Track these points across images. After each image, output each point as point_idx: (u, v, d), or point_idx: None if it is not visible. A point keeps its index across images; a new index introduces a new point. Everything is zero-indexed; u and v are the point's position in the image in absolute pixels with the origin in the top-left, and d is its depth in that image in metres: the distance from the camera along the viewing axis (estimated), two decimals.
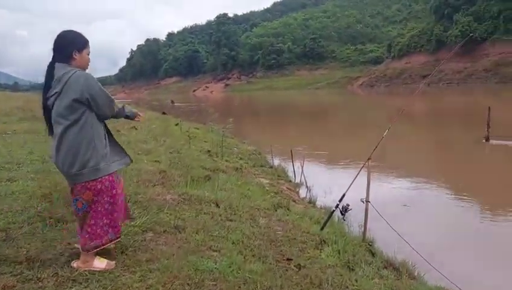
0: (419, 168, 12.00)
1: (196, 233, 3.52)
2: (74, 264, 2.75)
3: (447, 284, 4.45)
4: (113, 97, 2.73)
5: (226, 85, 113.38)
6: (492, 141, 13.89)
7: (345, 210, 4.05)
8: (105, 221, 2.72)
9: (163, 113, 27.83)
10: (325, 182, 9.42)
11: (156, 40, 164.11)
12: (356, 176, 4.07)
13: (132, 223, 3.53)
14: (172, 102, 52.76)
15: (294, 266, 3.13)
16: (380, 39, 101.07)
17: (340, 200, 4.11)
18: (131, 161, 2.94)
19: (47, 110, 2.64)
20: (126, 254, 3.01)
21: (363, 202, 4.07)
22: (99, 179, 2.63)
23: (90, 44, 2.74)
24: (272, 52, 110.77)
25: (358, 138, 18.27)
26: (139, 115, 3.03)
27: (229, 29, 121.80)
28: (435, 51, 67.31)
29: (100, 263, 2.76)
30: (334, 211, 4.09)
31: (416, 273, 4.64)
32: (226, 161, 10.82)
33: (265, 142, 15.59)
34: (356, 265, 3.48)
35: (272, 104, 51.58)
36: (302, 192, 9.39)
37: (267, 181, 9.19)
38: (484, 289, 4.91)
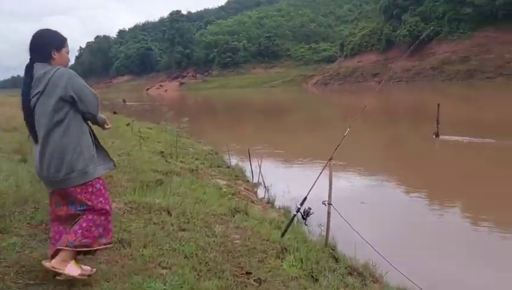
0: (374, 165, 12.14)
1: (144, 247, 3.13)
2: (46, 263, 2.46)
3: (408, 283, 4.38)
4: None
5: (181, 83, 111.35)
6: (442, 137, 14.32)
7: (306, 214, 3.79)
8: (101, 221, 2.54)
9: (114, 112, 26.67)
10: (283, 182, 9.25)
11: (106, 38, 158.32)
12: (318, 178, 3.83)
13: None
14: (124, 101, 51.04)
15: (254, 280, 2.83)
16: (333, 38, 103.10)
17: (302, 204, 3.86)
18: (115, 167, 2.76)
19: (29, 113, 2.44)
20: (58, 278, 2.57)
21: (324, 204, 3.84)
22: (90, 183, 2.47)
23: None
24: (227, 51, 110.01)
25: (316, 136, 18.37)
26: (107, 123, 2.80)
27: (183, 27, 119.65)
28: (384, 50, 69.59)
29: (75, 269, 2.47)
30: (295, 215, 3.83)
31: (379, 275, 4.53)
32: (181, 162, 10.37)
33: (222, 142, 15.28)
34: (320, 274, 3.23)
35: (229, 103, 51.26)
36: (261, 192, 9.16)
37: (224, 182, 8.87)
38: (442, 284, 4.90)
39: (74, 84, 2.38)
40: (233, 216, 4.47)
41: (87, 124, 2.56)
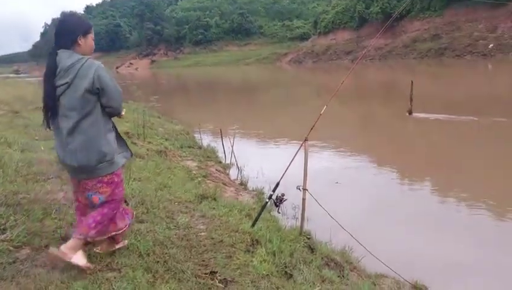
0: (349, 144, 11.92)
1: (92, 245, 2.69)
2: (60, 248, 2.41)
3: (385, 270, 4.18)
4: None
5: (152, 61, 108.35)
6: (415, 114, 14.27)
7: (279, 201, 3.42)
8: (121, 210, 2.65)
9: None
10: (257, 162, 8.97)
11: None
12: (292, 160, 3.45)
13: (1, 237, 2.62)
14: None
15: (220, 281, 2.45)
16: (306, 15, 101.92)
17: (274, 190, 3.48)
18: (132, 155, 2.76)
19: (52, 99, 2.38)
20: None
21: (299, 189, 3.48)
22: (116, 172, 2.52)
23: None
24: (199, 27, 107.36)
25: (292, 115, 18.08)
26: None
27: (153, 2, 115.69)
28: (358, 28, 69.28)
29: (81, 259, 2.45)
30: (267, 203, 3.43)
31: (357, 261, 4.29)
32: (149, 142, 9.86)
33: (195, 121, 14.91)
34: (295, 269, 2.89)
35: (202, 81, 50.31)
36: (233, 173, 8.82)
37: (195, 164, 8.46)
38: (417, 262, 4.76)
39: (101, 77, 2.35)
40: (201, 203, 4.07)
41: None
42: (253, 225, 3.34)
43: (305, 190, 3.43)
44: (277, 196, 3.40)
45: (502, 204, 6.51)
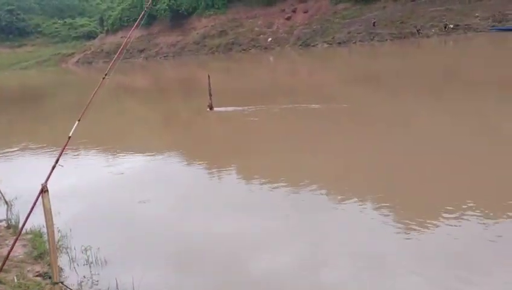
0: (153, 146, 10.65)
1: None
2: None
3: None
4: None
5: None
6: (216, 109, 14.21)
7: None
8: None
9: None
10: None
11: None
12: (24, 225, 1.81)
13: None
14: None
15: None
16: (90, 13, 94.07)
17: None
18: None
19: None
20: None
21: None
22: None
23: None
24: None
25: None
26: None
27: None
28: (148, 25, 67.48)
29: None
30: None
31: None
32: None
33: None
34: None
35: None
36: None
37: None
38: None
39: None
40: None
41: None
42: None
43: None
44: None
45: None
